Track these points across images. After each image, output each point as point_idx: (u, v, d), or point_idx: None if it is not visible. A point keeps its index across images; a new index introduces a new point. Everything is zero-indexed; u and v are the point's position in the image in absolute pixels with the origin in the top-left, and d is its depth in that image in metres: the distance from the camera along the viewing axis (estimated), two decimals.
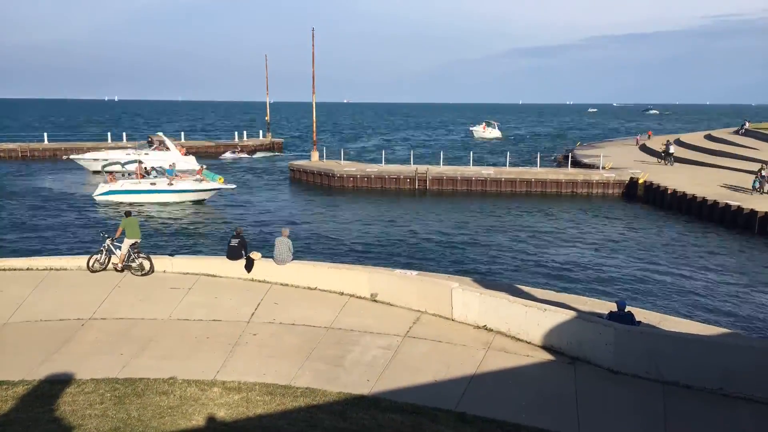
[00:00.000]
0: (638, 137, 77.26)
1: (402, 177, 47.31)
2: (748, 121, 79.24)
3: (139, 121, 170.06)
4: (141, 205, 39.46)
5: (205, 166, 47.56)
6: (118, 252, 16.68)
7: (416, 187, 46.74)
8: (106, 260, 16.81)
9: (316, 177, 50.79)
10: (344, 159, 55.68)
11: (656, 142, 66.67)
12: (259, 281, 16.14)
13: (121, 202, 39.94)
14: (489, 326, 13.57)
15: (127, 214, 17.37)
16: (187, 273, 16.61)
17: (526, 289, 17.02)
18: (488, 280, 20.76)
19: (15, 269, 16.95)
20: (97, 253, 16.92)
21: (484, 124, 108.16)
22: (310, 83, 56.94)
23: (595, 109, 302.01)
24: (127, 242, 16.58)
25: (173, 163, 46.20)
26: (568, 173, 46.74)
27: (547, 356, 12.54)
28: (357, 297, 15.21)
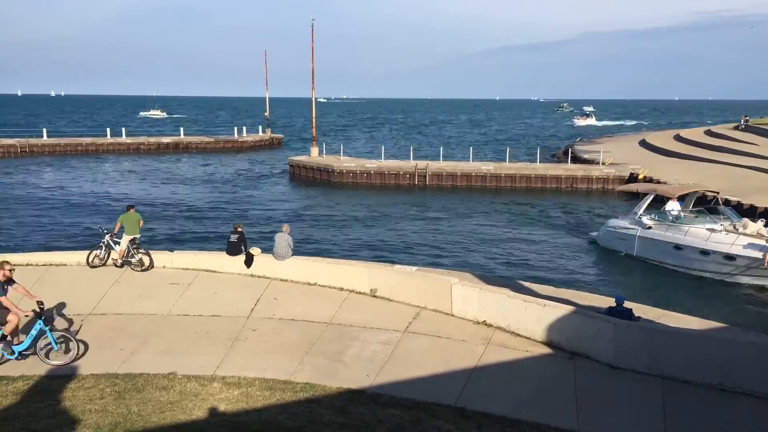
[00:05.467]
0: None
1: (401, 173, 47.28)
2: (747, 117, 79.11)
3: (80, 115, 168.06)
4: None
5: None
6: (117, 248, 16.67)
7: (416, 182, 46.72)
8: (106, 256, 16.79)
9: (316, 173, 50.77)
10: (344, 155, 55.64)
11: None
12: (259, 277, 16.14)
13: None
14: (489, 321, 13.57)
15: (129, 207, 17.34)
16: (187, 268, 16.61)
17: (525, 284, 17.04)
18: (488, 275, 20.78)
19: (14, 264, 16.90)
20: (96, 249, 16.91)
21: None
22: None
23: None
24: (126, 238, 16.57)
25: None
26: (568, 169, 46.74)
27: (546, 351, 12.55)
28: (356, 292, 15.21)
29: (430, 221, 34.89)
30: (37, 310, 11.87)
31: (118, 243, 16.70)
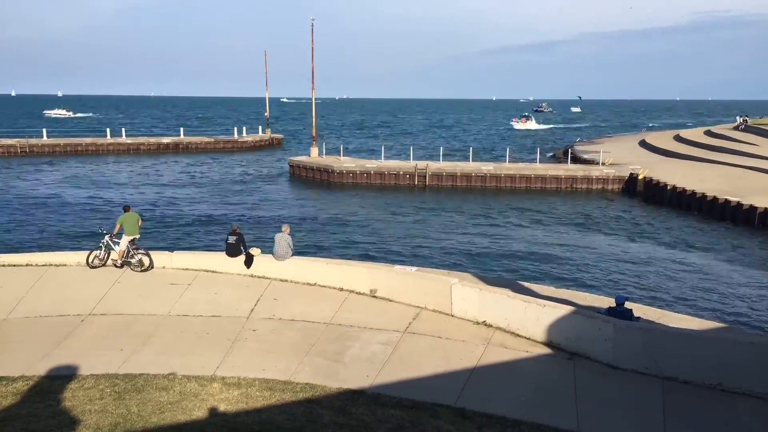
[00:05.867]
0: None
1: (401, 173, 47.28)
2: (746, 116, 79.07)
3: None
4: None
5: None
6: (116, 248, 16.67)
7: (416, 183, 46.72)
8: (106, 256, 16.79)
9: (316, 173, 50.78)
10: (344, 155, 55.65)
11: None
12: (259, 277, 16.13)
13: None
14: (488, 322, 13.57)
15: (125, 209, 17.33)
16: (187, 269, 16.60)
17: (525, 284, 17.03)
18: (488, 276, 20.78)
19: (14, 265, 16.93)
20: (96, 249, 16.90)
21: None
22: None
23: None
24: (126, 238, 16.58)
25: None
26: (568, 169, 46.73)
27: (546, 352, 12.54)
28: (356, 293, 15.21)
29: (430, 221, 34.88)
30: None
31: (118, 243, 16.70)
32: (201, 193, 45.28)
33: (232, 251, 16.35)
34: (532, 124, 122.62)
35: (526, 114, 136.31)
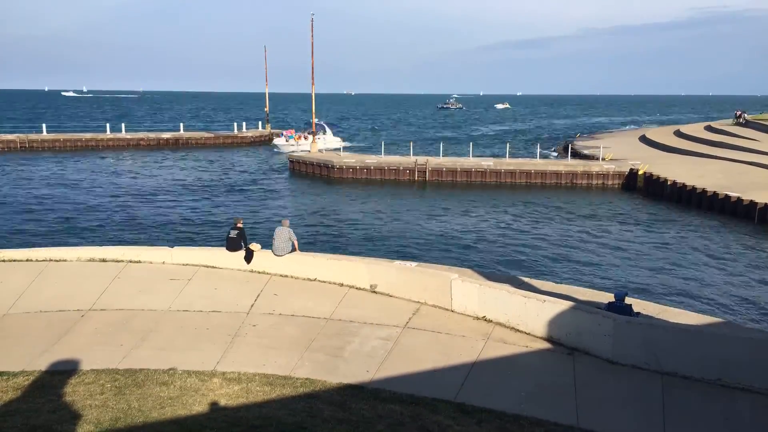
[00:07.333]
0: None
1: (401, 168, 47.25)
2: (745, 112, 78.91)
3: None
4: None
5: None
6: None
7: (416, 178, 46.70)
8: None
9: (316, 168, 50.74)
10: (344, 150, 55.59)
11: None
12: (259, 272, 16.13)
13: None
14: (488, 317, 13.58)
15: None
16: (187, 264, 16.59)
17: (525, 280, 17.03)
18: (488, 271, 20.77)
19: (14, 260, 16.93)
20: None
21: None
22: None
23: None
24: None
25: None
26: (568, 164, 46.68)
27: (546, 347, 12.55)
28: (356, 288, 15.21)
29: (430, 217, 34.88)
30: None
31: None
32: (200, 188, 45.26)
33: (233, 246, 16.34)
34: (314, 143, 60.38)
35: (321, 123, 69.71)
